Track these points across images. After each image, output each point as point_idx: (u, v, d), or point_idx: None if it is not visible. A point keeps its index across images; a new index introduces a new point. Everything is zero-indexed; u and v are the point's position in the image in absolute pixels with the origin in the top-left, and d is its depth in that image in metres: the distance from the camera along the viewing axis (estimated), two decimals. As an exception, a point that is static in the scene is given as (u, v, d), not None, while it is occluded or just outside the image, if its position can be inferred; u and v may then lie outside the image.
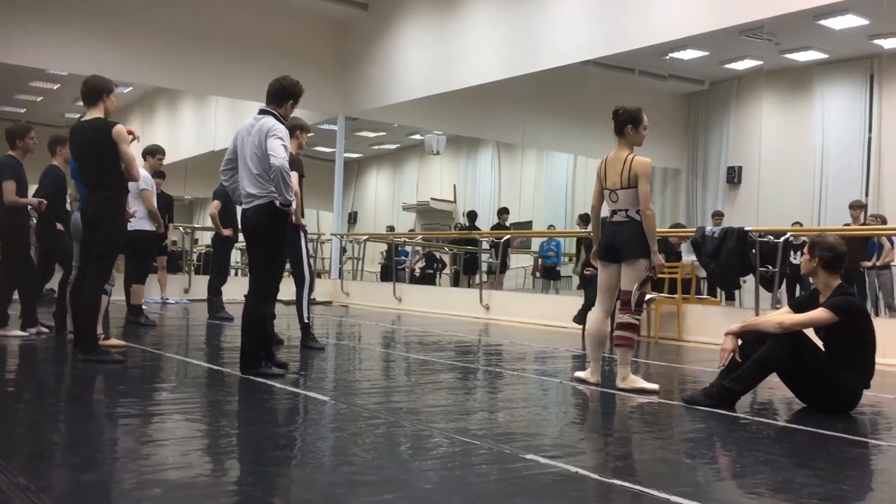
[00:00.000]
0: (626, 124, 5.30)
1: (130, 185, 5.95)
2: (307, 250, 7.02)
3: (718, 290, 10.87)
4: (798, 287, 10.71)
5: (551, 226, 15.58)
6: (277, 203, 5.14)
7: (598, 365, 5.39)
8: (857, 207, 10.52)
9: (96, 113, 5.65)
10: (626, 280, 5.16)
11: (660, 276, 6.43)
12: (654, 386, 5.17)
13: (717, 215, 12.66)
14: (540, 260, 14.78)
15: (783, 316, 4.74)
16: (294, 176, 6.52)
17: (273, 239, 5.27)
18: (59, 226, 6.98)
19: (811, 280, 4.93)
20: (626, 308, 5.17)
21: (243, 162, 5.26)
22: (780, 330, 4.56)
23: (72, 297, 5.94)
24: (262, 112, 5.32)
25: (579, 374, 5.51)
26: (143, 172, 7.99)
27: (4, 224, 6.70)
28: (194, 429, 3.88)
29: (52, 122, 17.13)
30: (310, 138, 7.15)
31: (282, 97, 5.32)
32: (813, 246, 4.77)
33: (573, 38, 11.34)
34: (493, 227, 14.70)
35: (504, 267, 14.16)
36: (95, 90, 5.64)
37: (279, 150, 5.09)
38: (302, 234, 6.89)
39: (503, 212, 14.75)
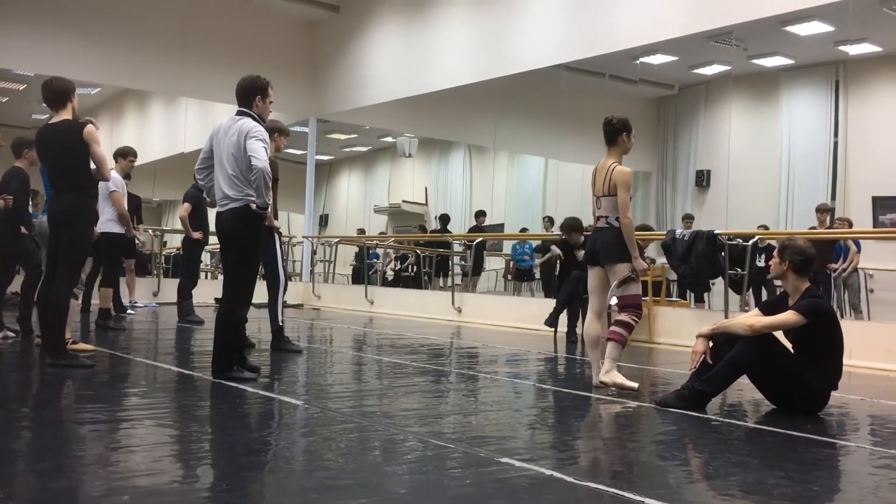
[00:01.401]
0: (622, 132, 5.40)
1: (101, 186, 5.87)
2: (281, 253, 6.99)
3: (689, 292, 10.96)
4: (763, 289, 10.84)
5: (524, 229, 15.64)
6: (254, 206, 5.11)
7: (597, 366, 5.42)
8: (823, 211, 10.68)
9: (65, 115, 5.57)
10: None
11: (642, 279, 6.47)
12: (634, 384, 5.21)
13: (688, 218, 12.79)
14: (512, 263, 14.82)
15: (753, 318, 4.80)
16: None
17: (248, 242, 5.22)
18: (23, 228, 6.86)
19: (780, 283, 5.00)
20: (627, 309, 5.28)
21: (219, 162, 5.21)
22: (751, 332, 4.62)
23: (39, 301, 5.85)
24: (239, 113, 5.28)
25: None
26: (115, 175, 7.90)
27: None
28: (165, 434, 3.84)
29: (19, 124, 16.87)
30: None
31: (248, 95, 5.29)
32: (784, 249, 4.83)
33: (544, 42, 11.40)
34: (470, 230, 14.72)
35: (479, 269, 14.20)
36: (62, 92, 5.56)
37: (260, 151, 5.06)
38: (276, 237, 6.87)
39: (480, 214, 14.77)
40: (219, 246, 5.64)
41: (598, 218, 5.38)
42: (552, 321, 8.97)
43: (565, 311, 8.84)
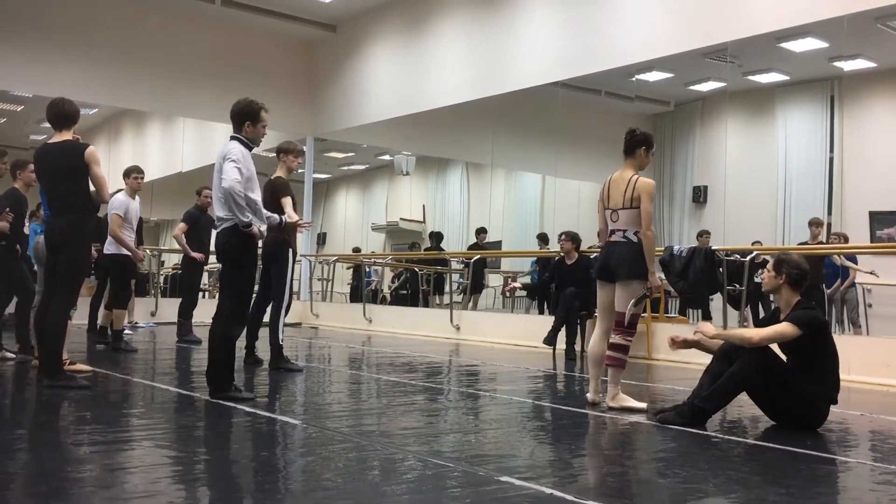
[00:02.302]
0: (641, 145, 5.31)
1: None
2: (292, 272, 7.01)
3: (689, 308, 10.96)
4: (760, 305, 10.84)
5: (542, 233, 15.49)
6: (257, 223, 5.23)
7: (596, 384, 5.39)
8: (816, 225, 10.76)
9: (66, 135, 5.59)
10: (619, 301, 5.17)
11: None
12: (642, 405, 5.18)
13: (704, 234, 12.41)
14: (511, 280, 14.79)
15: (752, 331, 4.84)
16: (288, 201, 6.61)
17: (240, 260, 5.26)
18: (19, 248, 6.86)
19: (772, 297, 5.01)
20: (619, 329, 5.20)
21: (214, 185, 5.37)
22: (749, 344, 4.63)
23: (37, 322, 5.84)
24: (231, 137, 5.38)
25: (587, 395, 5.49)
26: (118, 196, 7.95)
27: None
28: (164, 455, 3.82)
29: (16, 144, 16.87)
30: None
31: (238, 119, 5.38)
32: (780, 263, 4.85)
33: (541, 60, 11.46)
34: (471, 247, 14.71)
35: (480, 287, 14.21)
36: (72, 114, 5.62)
37: (229, 172, 5.13)
38: (291, 255, 6.88)
39: (481, 231, 14.78)
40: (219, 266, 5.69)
41: (613, 232, 5.22)
42: (551, 339, 8.96)
43: (564, 328, 8.82)
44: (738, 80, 13.29)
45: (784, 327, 4.68)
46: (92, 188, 5.57)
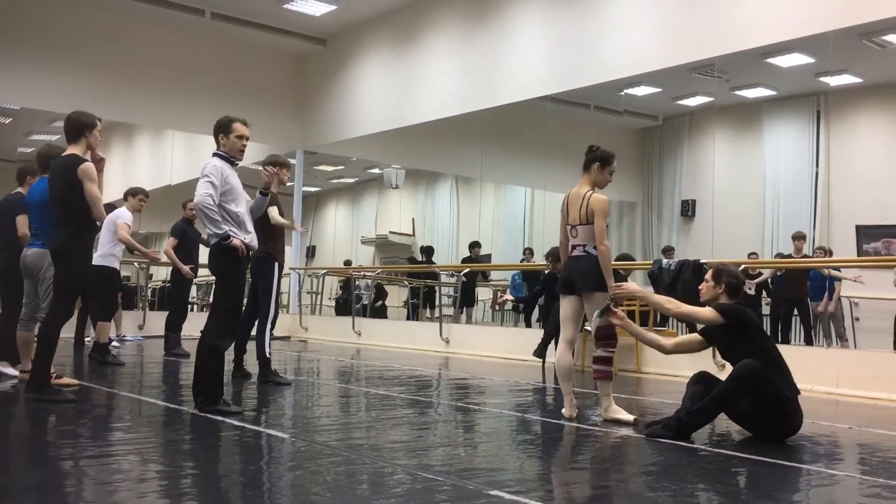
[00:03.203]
0: (595, 161, 5.43)
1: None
2: (279, 286, 7.01)
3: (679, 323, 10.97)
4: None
5: (527, 249, 15.54)
6: (244, 237, 5.27)
7: (569, 398, 5.40)
8: (799, 238, 10.85)
9: (75, 149, 5.61)
10: (591, 314, 5.26)
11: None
12: (630, 417, 5.21)
13: (670, 251, 12.46)
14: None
15: (674, 302, 5.20)
16: (273, 210, 6.67)
17: (226, 274, 5.29)
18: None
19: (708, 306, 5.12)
20: (599, 342, 5.29)
21: None
22: (668, 314, 5.12)
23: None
24: (212, 154, 5.45)
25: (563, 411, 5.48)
26: (126, 210, 8.12)
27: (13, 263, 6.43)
28: (151, 470, 3.79)
29: (5, 156, 16.84)
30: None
31: (216, 134, 5.45)
32: (720, 273, 5.06)
33: (530, 74, 11.51)
34: (464, 260, 14.71)
35: (472, 300, 14.22)
36: (77, 126, 5.63)
37: (200, 187, 5.20)
38: (276, 269, 6.89)
39: (474, 245, 14.79)
40: (207, 278, 5.74)
41: (574, 247, 5.36)
42: (541, 352, 8.96)
43: (553, 341, 8.82)
44: (725, 94, 13.41)
45: (706, 311, 4.96)
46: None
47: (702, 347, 5.29)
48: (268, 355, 6.85)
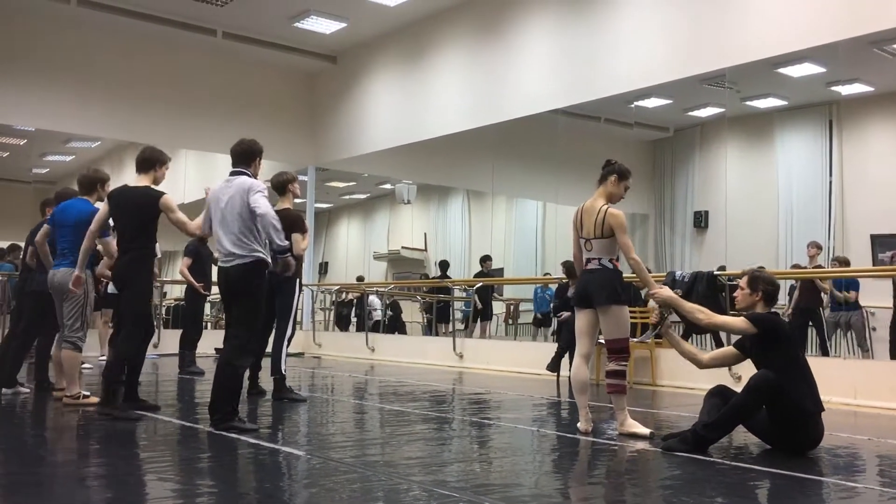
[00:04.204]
0: (612, 174, 5.39)
1: None
2: (297, 304, 7.04)
3: (693, 334, 10.91)
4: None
5: (547, 273, 15.54)
6: (267, 257, 5.34)
7: (585, 412, 5.37)
8: (814, 247, 10.79)
9: (145, 181, 5.89)
10: (607, 328, 5.23)
11: (632, 320, 6.48)
12: (646, 430, 5.18)
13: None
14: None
15: (707, 312, 5.05)
16: (298, 237, 6.80)
17: (255, 294, 5.34)
18: None
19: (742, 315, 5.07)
20: (612, 356, 5.25)
21: (221, 222, 5.37)
22: (700, 323, 4.93)
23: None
24: (234, 173, 5.47)
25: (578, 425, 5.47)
26: None
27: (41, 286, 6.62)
28: (167, 489, 3.80)
29: (19, 178, 16.99)
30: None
31: (249, 157, 5.55)
32: (756, 280, 4.95)
33: (539, 88, 11.54)
34: (476, 275, 14.70)
35: (488, 314, 14.21)
36: (150, 160, 5.96)
37: (261, 201, 5.26)
38: (297, 287, 6.91)
39: (486, 259, 14.79)
40: (220, 298, 5.76)
41: (589, 260, 5.31)
42: (554, 366, 8.94)
43: (567, 355, 8.80)
44: (736, 105, 13.37)
45: (739, 321, 4.84)
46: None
47: (737, 360, 5.22)
48: (283, 372, 6.86)
